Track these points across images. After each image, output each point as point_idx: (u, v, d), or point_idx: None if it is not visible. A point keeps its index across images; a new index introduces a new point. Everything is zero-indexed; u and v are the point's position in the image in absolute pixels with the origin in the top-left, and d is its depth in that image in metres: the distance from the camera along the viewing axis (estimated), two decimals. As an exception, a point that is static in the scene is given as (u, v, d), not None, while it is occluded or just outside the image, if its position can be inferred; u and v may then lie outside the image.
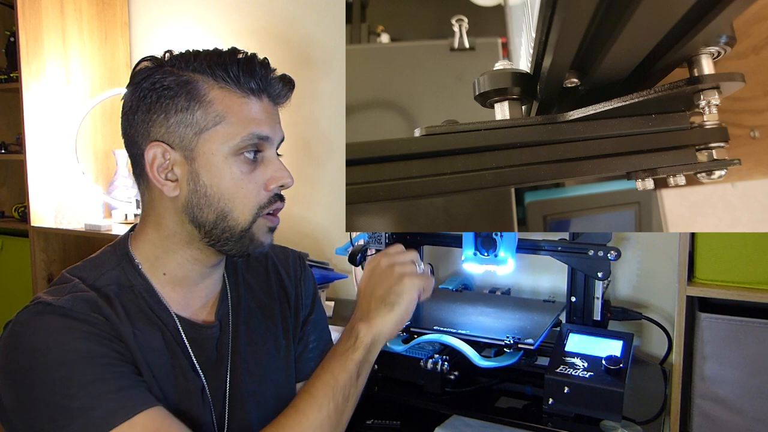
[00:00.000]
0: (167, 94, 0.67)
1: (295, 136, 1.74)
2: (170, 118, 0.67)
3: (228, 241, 0.70)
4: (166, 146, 0.68)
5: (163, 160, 0.68)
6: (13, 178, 2.19)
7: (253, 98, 0.69)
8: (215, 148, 0.67)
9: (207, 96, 0.67)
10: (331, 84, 1.68)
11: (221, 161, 0.68)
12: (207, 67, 0.67)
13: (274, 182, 0.71)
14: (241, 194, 0.69)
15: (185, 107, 0.67)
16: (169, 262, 0.72)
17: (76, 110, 1.86)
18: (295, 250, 0.91)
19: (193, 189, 0.68)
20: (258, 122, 0.69)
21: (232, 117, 0.67)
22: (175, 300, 0.73)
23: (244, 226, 0.70)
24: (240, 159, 0.68)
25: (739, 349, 0.95)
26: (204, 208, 0.68)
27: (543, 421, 0.94)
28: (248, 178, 0.69)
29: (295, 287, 0.87)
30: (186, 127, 0.67)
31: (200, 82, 0.67)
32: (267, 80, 0.70)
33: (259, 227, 0.71)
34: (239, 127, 0.67)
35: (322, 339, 0.88)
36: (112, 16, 1.98)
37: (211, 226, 0.69)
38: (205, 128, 0.67)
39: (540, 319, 1.12)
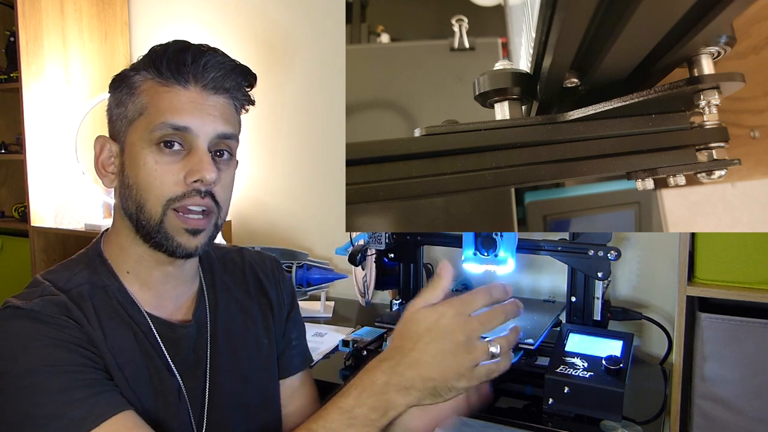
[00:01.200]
0: (113, 92, 0.70)
1: (295, 135, 1.74)
2: (112, 112, 0.70)
3: (150, 237, 0.68)
4: (108, 139, 0.70)
5: (108, 153, 0.70)
6: (13, 178, 2.19)
7: (177, 87, 0.66)
8: (137, 139, 0.67)
9: (139, 88, 0.68)
10: (331, 84, 1.68)
11: (140, 151, 0.67)
12: (147, 60, 0.68)
13: (191, 175, 0.66)
14: (154, 185, 0.66)
15: (121, 101, 0.69)
16: (126, 259, 0.71)
17: (76, 110, 1.86)
18: (270, 255, 0.91)
19: (121, 180, 0.69)
20: (176, 111, 0.66)
21: (152, 107, 0.67)
22: (147, 300, 0.72)
23: (156, 219, 0.67)
24: (156, 149, 0.66)
25: (739, 349, 0.95)
26: (128, 199, 0.68)
27: (543, 421, 0.94)
28: (162, 168, 0.66)
29: (275, 288, 0.86)
30: (121, 119, 0.69)
31: (136, 77, 0.68)
32: (198, 69, 0.67)
33: (173, 225, 0.67)
34: (156, 117, 0.66)
35: (301, 334, 0.89)
36: (112, 16, 1.98)
37: (135, 218, 0.68)
38: (133, 119, 0.68)
39: (540, 319, 1.12)
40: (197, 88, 0.67)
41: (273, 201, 1.79)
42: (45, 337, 0.61)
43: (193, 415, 0.72)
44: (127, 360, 0.67)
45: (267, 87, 1.74)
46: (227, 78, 0.68)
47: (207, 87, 0.68)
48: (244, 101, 0.73)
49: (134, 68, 0.69)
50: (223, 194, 0.70)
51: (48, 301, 0.64)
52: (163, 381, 0.70)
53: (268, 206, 1.78)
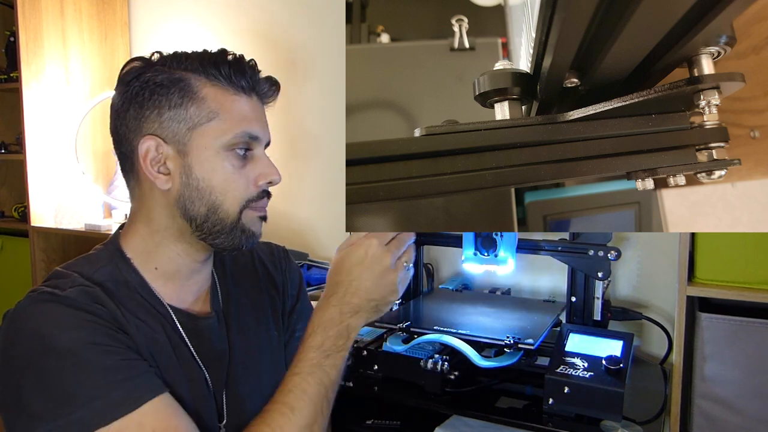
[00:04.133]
0: (160, 91, 0.69)
1: (295, 135, 1.74)
2: (163, 114, 0.69)
3: (219, 235, 0.71)
4: (160, 140, 0.69)
5: (156, 153, 0.70)
6: (13, 178, 2.19)
7: (244, 96, 0.71)
8: (208, 143, 0.69)
9: (200, 93, 0.69)
10: (331, 84, 1.68)
11: (213, 156, 0.69)
12: (199, 65, 0.69)
13: (263, 178, 0.73)
14: (232, 188, 0.71)
15: (178, 103, 0.69)
16: (160, 256, 0.73)
17: (76, 110, 1.86)
18: (279, 245, 0.94)
19: (186, 182, 0.70)
20: (250, 120, 0.71)
21: (225, 114, 0.69)
22: (168, 294, 0.74)
23: (233, 218, 0.71)
24: (231, 154, 0.70)
25: (739, 349, 0.95)
26: (196, 201, 0.70)
27: (543, 421, 0.94)
28: (239, 173, 0.71)
29: (282, 277, 0.89)
30: (179, 122, 0.69)
31: (192, 80, 0.69)
32: (256, 80, 0.72)
33: (249, 218, 0.73)
34: (232, 124, 0.69)
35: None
36: (112, 16, 1.98)
37: (202, 219, 0.70)
38: (199, 123, 0.69)
39: (540, 319, 1.12)
40: (256, 97, 0.73)
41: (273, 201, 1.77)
42: (83, 320, 0.63)
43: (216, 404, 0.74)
44: (158, 350, 0.69)
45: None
46: (270, 90, 0.75)
47: (260, 96, 0.74)
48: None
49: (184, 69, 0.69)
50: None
51: (82, 290, 0.66)
52: (192, 371, 0.72)
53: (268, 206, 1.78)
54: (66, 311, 0.63)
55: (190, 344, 0.73)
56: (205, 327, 0.76)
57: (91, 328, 0.63)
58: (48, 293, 0.64)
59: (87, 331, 0.62)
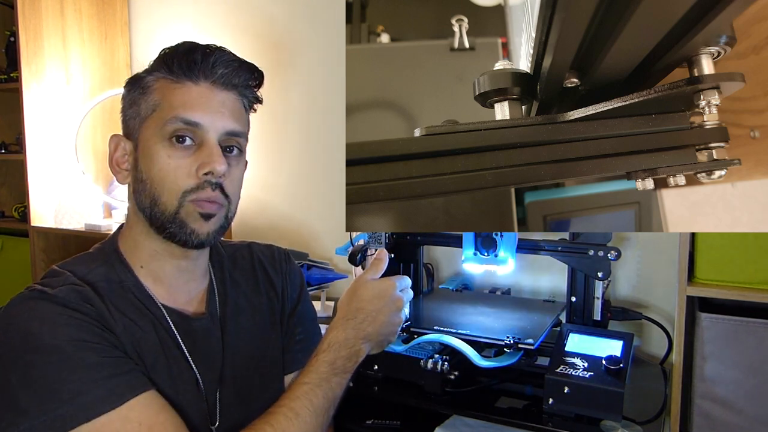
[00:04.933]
0: (128, 92, 0.72)
1: (295, 135, 1.74)
2: (126, 112, 0.72)
3: (164, 228, 0.70)
4: (122, 137, 0.73)
5: (122, 151, 0.73)
6: (13, 178, 2.19)
7: (188, 83, 0.70)
8: (150, 135, 0.70)
9: (151, 87, 0.71)
10: (331, 84, 1.68)
11: (152, 147, 0.70)
12: (160, 61, 0.71)
13: (202, 168, 0.69)
14: (168, 179, 0.69)
15: (134, 100, 0.71)
16: (141, 254, 0.74)
17: (76, 110, 1.86)
18: (281, 247, 0.93)
19: (135, 176, 0.72)
20: (188, 107, 0.68)
21: (165, 103, 0.69)
22: (161, 294, 0.74)
23: (171, 210, 0.69)
24: (168, 144, 0.69)
25: (739, 349, 0.95)
26: (141, 194, 0.71)
27: (543, 421, 0.94)
28: (176, 163, 0.68)
29: (281, 279, 0.88)
30: (134, 118, 0.71)
31: (149, 77, 0.71)
32: (208, 66, 0.70)
33: (189, 213, 0.69)
34: (168, 112, 0.69)
35: (309, 332, 0.89)
36: (112, 16, 1.98)
37: (149, 212, 0.70)
38: (145, 116, 0.70)
39: (540, 319, 1.12)
40: (207, 83, 0.70)
41: (273, 201, 1.79)
42: (70, 318, 0.63)
43: (208, 405, 0.74)
44: (145, 350, 0.69)
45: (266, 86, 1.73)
46: (235, 75, 0.71)
47: (216, 83, 0.70)
48: (252, 99, 0.76)
49: (147, 70, 0.72)
50: (233, 189, 0.73)
51: (72, 289, 0.66)
52: (182, 371, 0.72)
53: (267, 206, 1.79)
54: (53, 308, 0.63)
55: (184, 345, 0.73)
56: (198, 328, 0.75)
57: (77, 326, 0.63)
58: (38, 291, 0.65)
59: (73, 328, 0.63)
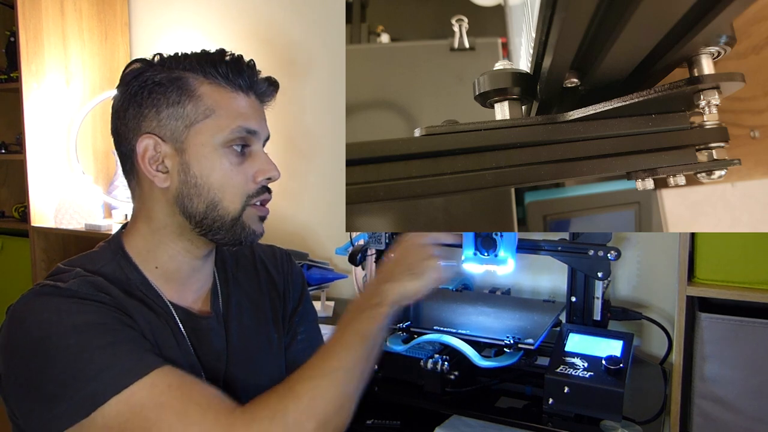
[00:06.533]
0: (158, 90, 0.70)
1: (295, 135, 1.74)
2: (161, 112, 0.70)
3: (219, 230, 0.72)
4: (158, 138, 0.70)
5: (154, 152, 0.70)
6: (13, 178, 2.19)
7: (241, 94, 0.72)
8: (205, 140, 0.70)
9: (197, 91, 0.70)
10: (331, 84, 1.68)
11: (211, 153, 0.70)
12: (197, 64, 0.71)
13: (261, 174, 0.73)
14: (231, 184, 0.71)
15: (176, 101, 0.69)
16: (161, 255, 0.74)
17: (76, 110, 1.86)
18: (282, 248, 0.93)
19: (184, 180, 0.71)
20: (246, 117, 0.72)
21: (222, 110, 0.70)
22: (169, 293, 0.74)
23: (234, 215, 0.72)
24: (229, 151, 0.71)
25: (739, 349, 0.95)
26: (194, 198, 0.71)
27: (543, 421, 0.94)
28: (237, 169, 0.72)
29: (283, 279, 0.89)
30: (177, 120, 0.70)
31: (190, 78, 0.70)
32: (254, 79, 0.73)
33: (250, 216, 0.74)
34: (228, 120, 0.70)
35: (311, 332, 0.90)
36: (112, 16, 1.98)
37: (201, 216, 0.71)
38: (196, 121, 0.70)
39: (540, 319, 1.12)
40: (254, 95, 0.74)
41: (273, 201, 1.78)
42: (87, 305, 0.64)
43: None
44: (162, 339, 0.70)
45: (267, 87, 1.73)
46: (269, 89, 0.76)
47: (258, 96, 0.75)
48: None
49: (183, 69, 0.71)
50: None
51: (84, 280, 0.67)
52: (193, 367, 0.72)
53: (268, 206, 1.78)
54: (68, 300, 0.63)
55: (190, 342, 0.74)
56: (204, 327, 0.76)
57: (95, 312, 0.64)
58: (50, 286, 0.65)
59: (91, 315, 0.63)
